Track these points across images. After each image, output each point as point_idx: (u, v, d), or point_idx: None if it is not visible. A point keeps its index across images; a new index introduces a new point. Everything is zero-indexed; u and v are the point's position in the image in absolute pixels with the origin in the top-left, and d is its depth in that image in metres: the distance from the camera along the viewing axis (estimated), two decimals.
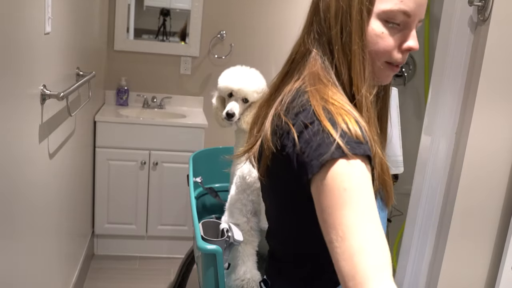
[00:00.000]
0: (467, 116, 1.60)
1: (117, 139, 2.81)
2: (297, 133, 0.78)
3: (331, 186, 0.70)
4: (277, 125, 0.85)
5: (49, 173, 1.74)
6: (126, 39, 3.15)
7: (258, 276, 1.74)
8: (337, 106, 0.79)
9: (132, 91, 3.19)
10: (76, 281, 2.35)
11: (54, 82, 1.73)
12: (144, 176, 2.88)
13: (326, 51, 0.87)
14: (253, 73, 1.94)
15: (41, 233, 1.67)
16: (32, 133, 1.51)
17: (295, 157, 0.78)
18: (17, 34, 1.32)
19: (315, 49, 0.89)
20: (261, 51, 3.21)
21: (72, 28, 2.04)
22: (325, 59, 0.87)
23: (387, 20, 0.84)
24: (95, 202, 2.88)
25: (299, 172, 0.77)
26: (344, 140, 0.72)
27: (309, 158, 0.74)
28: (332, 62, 0.86)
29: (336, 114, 0.76)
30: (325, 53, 0.87)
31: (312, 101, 0.80)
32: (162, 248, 3.01)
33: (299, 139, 0.77)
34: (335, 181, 0.70)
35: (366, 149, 0.74)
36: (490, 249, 1.69)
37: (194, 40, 3.19)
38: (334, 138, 0.72)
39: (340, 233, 0.67)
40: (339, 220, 0.68)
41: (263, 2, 3.18)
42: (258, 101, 1.91)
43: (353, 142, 0.73)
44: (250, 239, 1.76)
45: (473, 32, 1.59)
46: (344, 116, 0.76)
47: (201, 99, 3.27)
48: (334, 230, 0.68)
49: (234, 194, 1.79)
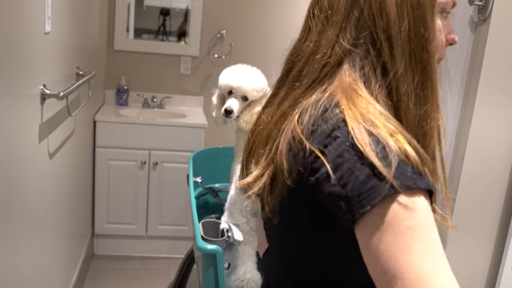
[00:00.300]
0: (467, 116, 1.60)
1: (117, 139, 2.81)
2: (331, 161, 0.62)
3: (391, 226, 0.58)
4: (297, 151, 0.67)
5: (49, 173, 1.74)
6: (126, 39, 3.15)
7: (258, 276, 1.74)
8: (383, 123, 0.62)
9: (132, 91, 3.19)
10: (76, 281, 2.35)
11: (54, 82, 1.72)
12: (144, 176, 2.88)
13: (370, 53, 0.69)
14: (253, 72, 1.94)
15: (41, 233, 1.67)
16: (32, 133, 1.51)
17: (328, 190, 0.62)
18: (17, 33, 1.31)
19: (357, 49, 0.69)
20: (261, 51, 3.21)
21: (72, 27, 2.03)
22: (366, 63, 0.69)
23: (441, 11, 0.73)
24: (95, 202, 2.87)
25: (335, 209, 0.62)
26: (402, 170, 0.59)
27: (355, 192, 0.59)
28: (376, 67, 0.68)
29: (385, 136, 0.61)
30: (367, 56, 0.69)
31: (348, 119, 0.63)
32: (162, 248, 3.01)
33: (336, 169, 0.61)
34: (395, 220, 0.58)
35: (428, 182, 0.60)
36: (491, 247, 1.69)
37: (194, 40, 3.19)
38: (389, 169, 0.58)
39: (406, 277, 0.55)
40: (406, 264, 0.56)
41: (263, 2, 3.18)
42: (258, 100, 1.91)
43: (412, 172, 0.59)
44: (250, 239, 1.76)
45: (473, 31, 1.59)
46: (396, 136, 0.61)
47: (201, 98, 3.27)
48: (397, 274, 0.56)
49: (234, 194, 1.79)
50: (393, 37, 0.67)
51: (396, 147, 0.60)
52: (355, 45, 0.69)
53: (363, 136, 0.60)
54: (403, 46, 0.67)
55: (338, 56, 0.70)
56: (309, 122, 0.67)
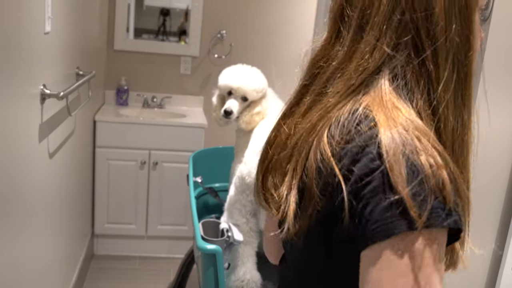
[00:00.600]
0: None
1: (117, 139, 2.81)
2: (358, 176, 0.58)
3: (397, 262, 0.54)
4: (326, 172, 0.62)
5: (49, 172, 1.74)
6: (126, 39, 3.14)
7: (258, 276, 1.74)
8: (424, 147, 0.56)
9: (132, 90, 3.19)
10: (76, 281, 2.35)
11: (54, 82, 1.72)
12: (144, 176, 2.88)
13: (412, 60, 0.62)
14: (253, 72, 1.93)
15: (41, 233, 1.67)
16: (32, 132, 1.51)
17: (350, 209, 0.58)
18: (17, 33, 1.31)
19: (398, 56, 0.62)
20: (261, 51, 3.21)
21: (72, 27, 2.03)
22: (408, 71, 0.62)
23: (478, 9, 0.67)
24: (95, 202, 2.87)
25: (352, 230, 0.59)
26: (432, 210, 0.54)
27: (373, 218, 0.55)
28: (419, 75, 0.62)
29: (423, 165, 0.55)
30: (408, 64, 0.62)
31: (384, 137, 0.57)
32: (162, 248, 3.01)
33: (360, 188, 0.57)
34: (405, 257, 0.54)
35: (458, 221, 0.56)
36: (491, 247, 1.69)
37: (194, 40, 3.18)
38: (419, 210, 0.53)
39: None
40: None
41: (264, 2, 3.18)
42: (258, 100, 1.91)
43: (442, 209, 0.54)
44: (250, 240, 1.76)
45: None
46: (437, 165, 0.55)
47: (201, 98, 3.27)
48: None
49: (233, 195, 1.79)
50: (438, 42, 0.61)
51: (434, 181, 0.54)
52: (395, 51, 0.63)
53: (399, 161, 0.55)
54: (448, 52, 0.62)
55: (376, 62, 0.63)
56: (341, 136, 0.61)
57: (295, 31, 3.20)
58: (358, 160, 0.58)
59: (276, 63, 3.22)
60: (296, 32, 3.20)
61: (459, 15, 0.62)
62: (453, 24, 0.61)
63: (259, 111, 1.89)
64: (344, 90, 0.65)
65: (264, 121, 1.88)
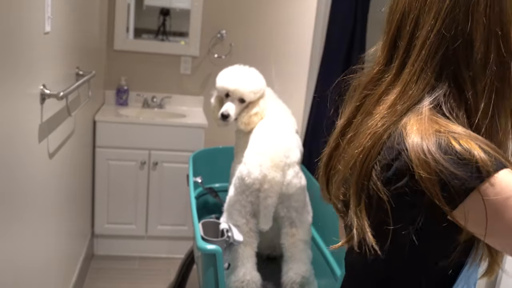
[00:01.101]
0: None
1: (117, 139, 2.81)
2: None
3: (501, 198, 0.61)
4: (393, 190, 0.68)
5: (49, 172, 1.74)
6: (126, 39, 3.14)
7: (258, 277, 1.73)
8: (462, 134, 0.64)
9: (132, 90, 3.19)
10: (76, 281, 2.35)
11: (54, 82, 1.72)
12: (144, 176, 2.88)
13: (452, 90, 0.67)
14: (250, 73, 1.92)
15: (41, 233, 1.67)
16: (32, 132, 1.51)
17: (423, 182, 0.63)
18: (17, 33, 1.31)
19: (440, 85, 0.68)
20: (261, 51, 3.20)
21: (71, 27, 2.03)
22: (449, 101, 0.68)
23: None
24: (95, 202, 2.87)
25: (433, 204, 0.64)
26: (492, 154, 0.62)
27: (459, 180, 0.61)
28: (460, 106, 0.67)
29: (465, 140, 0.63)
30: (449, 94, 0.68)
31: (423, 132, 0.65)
32: (162, 248, 3.01)
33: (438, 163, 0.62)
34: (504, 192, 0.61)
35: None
36: None
37: (194, 40, 3.18)
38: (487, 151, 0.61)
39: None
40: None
41: (264, 2, 3.18)
42: (256, 101, 1.90)
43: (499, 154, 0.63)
44: (250, 240, 1.76)
45: None
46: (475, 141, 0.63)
47: (201, 98, 3.26)
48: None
49: (233, 195, 1.78)
50: (477, 73, 0.66)
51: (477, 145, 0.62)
52: (438, 80, 0.67)
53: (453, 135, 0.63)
54: (486, 80, 0.65)
55: (420, 91, 0.68)
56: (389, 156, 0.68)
57: (295, 31, 3.19)
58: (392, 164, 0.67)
59: (276, 63, 3.22)
60: (296, 32, 3.19)
61: (495, 41, 0.65)
62: (491, 52, 0.65)
63: (257, 111, 1.88)
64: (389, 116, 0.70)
65: (263, 122, 1.88)
